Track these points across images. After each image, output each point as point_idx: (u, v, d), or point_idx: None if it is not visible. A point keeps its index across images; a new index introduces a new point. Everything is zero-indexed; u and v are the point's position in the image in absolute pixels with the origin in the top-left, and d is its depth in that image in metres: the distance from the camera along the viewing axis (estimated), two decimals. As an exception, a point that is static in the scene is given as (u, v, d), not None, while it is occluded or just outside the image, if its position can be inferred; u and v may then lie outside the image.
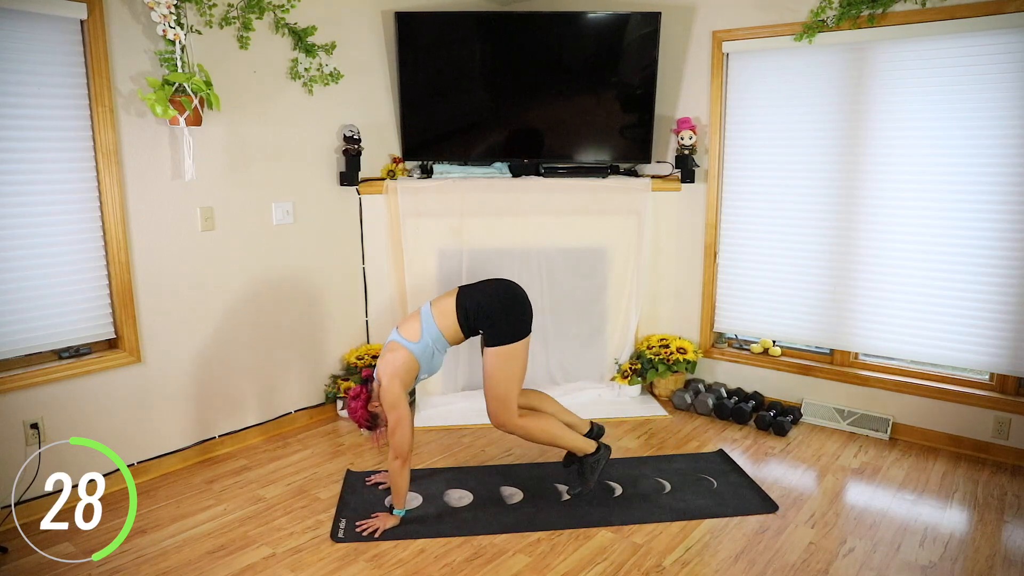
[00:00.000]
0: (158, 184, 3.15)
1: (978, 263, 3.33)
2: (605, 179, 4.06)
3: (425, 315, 2.82)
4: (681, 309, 4.25)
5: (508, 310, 2.82)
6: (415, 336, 2.78)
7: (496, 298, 2.84)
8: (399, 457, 2.68)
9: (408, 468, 2.72)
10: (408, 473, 2.73)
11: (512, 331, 2.80)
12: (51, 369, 2.91)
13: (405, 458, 2.69)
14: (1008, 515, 2.87)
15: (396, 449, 2.68)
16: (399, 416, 2.67)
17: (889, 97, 3.45)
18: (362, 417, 2.82)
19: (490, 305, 2.81)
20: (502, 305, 2.82)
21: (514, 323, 2.81)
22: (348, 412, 2.85)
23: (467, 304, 2.81)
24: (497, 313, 2.80)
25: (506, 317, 2.81)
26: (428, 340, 2.79)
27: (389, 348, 2.80)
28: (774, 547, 2.65)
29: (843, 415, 3.74)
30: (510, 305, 2.84)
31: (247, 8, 3.30)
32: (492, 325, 2.79)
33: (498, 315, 2.80)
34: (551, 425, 2.91)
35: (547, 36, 4.04)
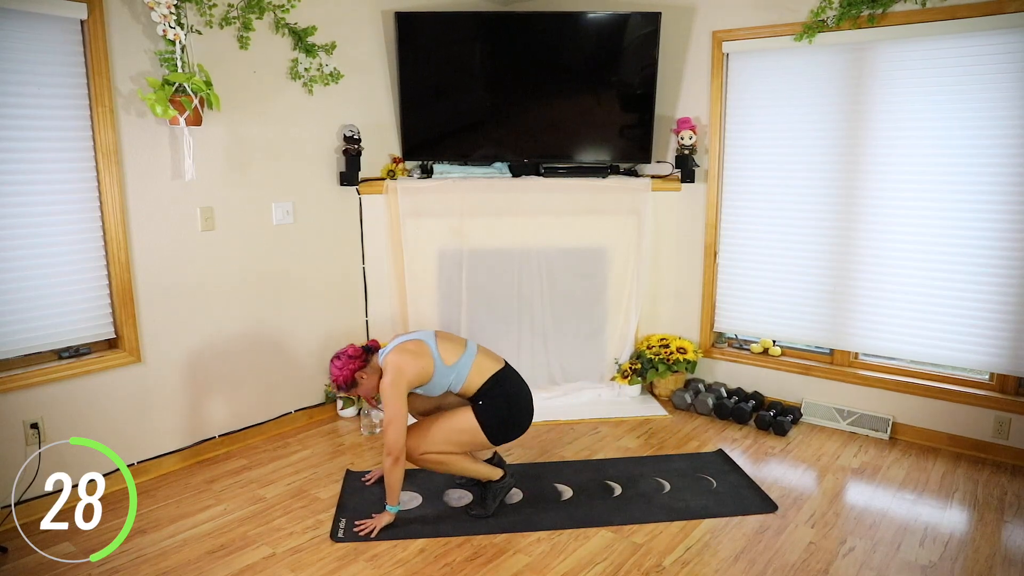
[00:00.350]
0: (158, 184, 3.15)
1: (978, 263, 3.33)
2: (605, 179, 4.06)
3: (469, 354, 2.81)
4: (681, 309, 4.25)
5: (517, 424, 2.84)
6: (450, 360, 2.76)
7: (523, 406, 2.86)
8: (391, 455, 2.65)
9: (401, 466, 2.69)
10: (401, 471, 2.70)
11: (499, 435, 2.80)
12: (51, 369, 2.91)
13: (397, 456, 2.66)
14: (1008, 515, 2.87)
15: (389, 447, 2.65)
16: (394, 414, 2.65)
17: (889, 97, 3.45)
18: (345, 379, 2.75)
19: (514, 404, 2.83)
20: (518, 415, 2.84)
21: (506, 434, 2.82)
22: (333, 366, 2.77)
23: (502, 382, 2.81)
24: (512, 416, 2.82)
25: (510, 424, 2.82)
26: (453, 375, 2.77)
27: (417, 349, 2.74)
28: (774, 547, 2.65)
29: (843, 415, 3.74)
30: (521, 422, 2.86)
31: (247, 8, 3.30)
32: (498, 412, 2.78)
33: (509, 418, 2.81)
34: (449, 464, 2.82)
35: (547, 36, 4.04)
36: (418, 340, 2.79)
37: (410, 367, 2.69)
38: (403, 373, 2.67)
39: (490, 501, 2.86)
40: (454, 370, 2.76)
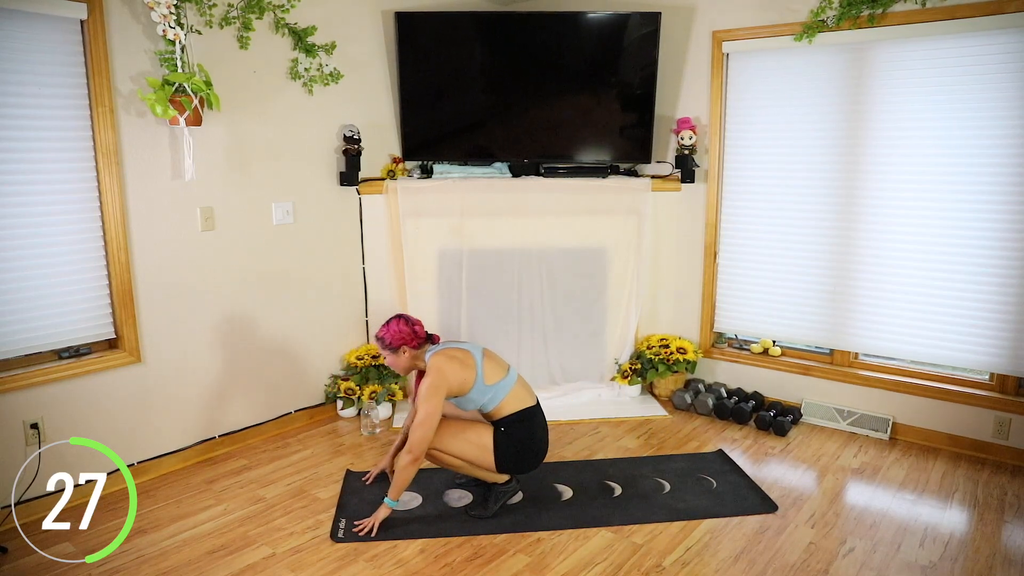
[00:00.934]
0: (158, 184, 3.15)
1: (978, 263, 3.33)
2: (605, 179, 4.06)
3: (509, 381, 2.83)
4: (681, 309, 4.25)
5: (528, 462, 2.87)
6: (491, 380, 2.78)
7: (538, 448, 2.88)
8: (412, 453, 2.66)
9: (417, 467, 2.70)
10: (415, 471, 2.71)
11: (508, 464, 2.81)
12: (51, 369, 2.91)
13: (417, 457, 2.67)
14: (1008, 515, 2.87)
15: (412, 444, 2.65)
16: (429, 414, 2.65)
17: (889, 97, 3.45)
18: (392, 340, 2.78)
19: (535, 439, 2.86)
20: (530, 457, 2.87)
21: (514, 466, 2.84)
22: (390, 326, 2.80)
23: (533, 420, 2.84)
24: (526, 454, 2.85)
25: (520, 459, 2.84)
26: (489, 395, 2.78)
27: (464, 361, 2.76)
28: (774, 547, 2.65)
29: (843, 415, 3.74)
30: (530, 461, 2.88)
31: (247, 8, 3.30)
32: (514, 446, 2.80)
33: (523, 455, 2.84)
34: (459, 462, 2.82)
35: (547, 36, 4.04)
36: (466, 351, 2.81)
37: (454, 375, 2.71)
38: (446, 378, 2.69)
39: (492, 503, 2.86)
40: (491, 391, 2.78)
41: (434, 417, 2.66)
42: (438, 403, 2.67)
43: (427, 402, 2.66)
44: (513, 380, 2.85)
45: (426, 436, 2.65)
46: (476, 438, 2.78)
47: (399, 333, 2.79)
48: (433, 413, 2.65)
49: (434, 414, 2.66)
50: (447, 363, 2.72)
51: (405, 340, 2.80)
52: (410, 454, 2.66)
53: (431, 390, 2.67)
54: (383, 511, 2.75)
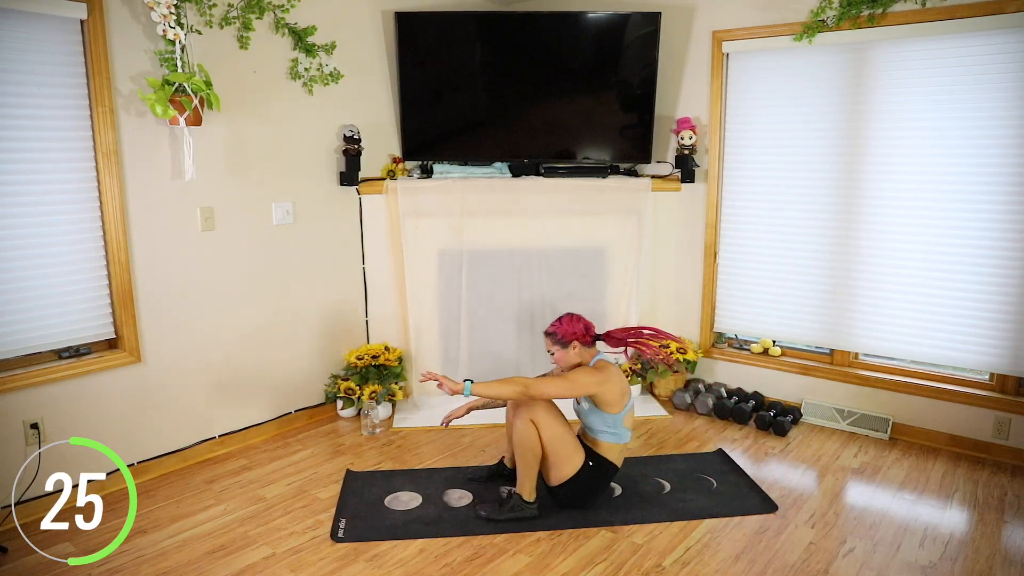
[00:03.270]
0: (158, 184, 3.15)
1: (978, 263, 3.33)
2: (605, 179, 4.06)
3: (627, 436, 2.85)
4: (681, 309, 4.25)
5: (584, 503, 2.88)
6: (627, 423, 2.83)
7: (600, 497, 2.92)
8: (527, 389, 2.67)
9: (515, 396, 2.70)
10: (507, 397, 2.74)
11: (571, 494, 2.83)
12: (51, 369, 2.91)
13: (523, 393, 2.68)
14: (1008, 515, 2.87)
15: (530, 388, 2.67)
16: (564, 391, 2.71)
17: (889, 97, 3.45)
18: (565, 335, 2.81)
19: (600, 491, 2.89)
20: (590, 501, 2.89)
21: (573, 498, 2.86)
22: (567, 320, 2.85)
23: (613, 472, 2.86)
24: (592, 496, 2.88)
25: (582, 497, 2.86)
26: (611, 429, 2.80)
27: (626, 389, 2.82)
28: (774, 547, 2.65)
29: (843, 415, 3.74)
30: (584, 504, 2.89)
31: (247, 8, 3.30)
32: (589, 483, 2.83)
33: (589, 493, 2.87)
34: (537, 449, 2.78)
35: (547, 36, 4.04)
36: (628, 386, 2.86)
37: (617, 386, 2.77)
38: (601, 383, 2.74)
39: (506, 510, 2.82)
40: (616, 428, 2.81)
41: (560, 396, 2.72)
42: (574, 392, 2.74)
43: (570, 387, 2.73)
44: (628, 438, 2.87)
45: (546, 394, 2.71)
46: (572, 447, 2.79)
47: (572, 329, 2.83)
48: (567, 393, 2.72)
49: (567, 394, 2.72)
50: (619, 375, 2.80)
51: (577, 336, 2.82)
52: (524, 388, 2.68)
53: (590, 379, 2.73)
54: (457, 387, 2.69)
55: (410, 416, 3.92)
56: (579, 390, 2.75)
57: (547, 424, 2.75)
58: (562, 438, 2.77)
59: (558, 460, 2.78)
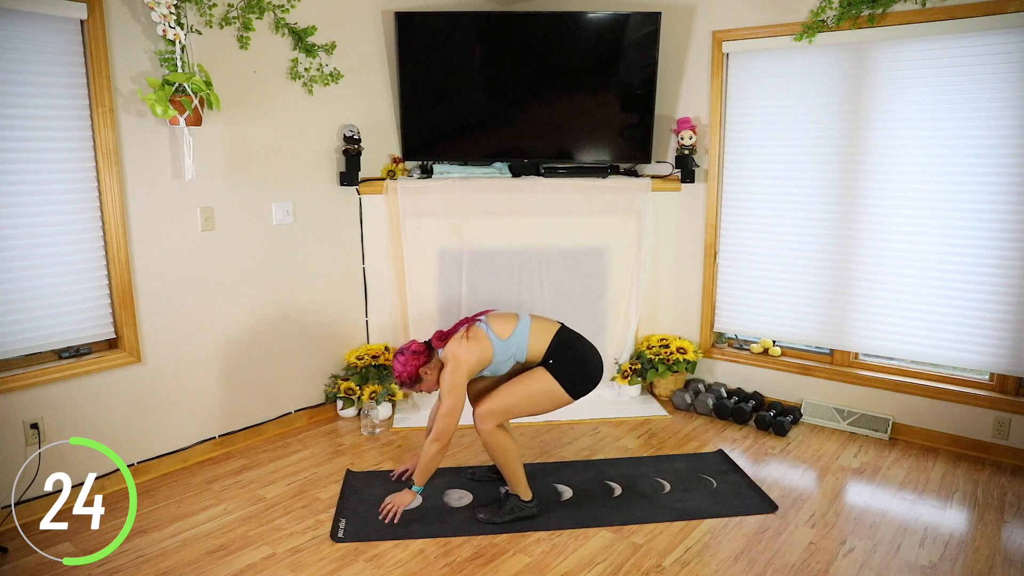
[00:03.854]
0: (158, 184, 3.15)
1: (978, 263, 3.33)
2: (605, 179, 4.06)
3: (523, 323, 2.83)
4: (681, 309, 4.25)
5: (590, 370, 2.83)
6: (504, 334, 2.78)
7: (589, 354, 2.85)
8: (439, 441, 2.69)
9: (444, 454, 2.74)
10: (442, 458, 2.76)
11: (576, 383, 2.79)
12: (51, 369, 2.91)
13: (445, 443, 2.71)
14: (1008, 515, 2.87)
15: (440, 433, 2.68)
16: (455, 402, 2.69)
17: (889, 97, 3.45)
18: (409, 375, 2.79)
19: (583, 354, 2.83)
20: (589, 363, 2.84)
21: (583, 381, 2.81)
22: (396, 362, 2.81)
23: (566, 338, 2.83)
24: (581, 363, 2.82)
25: (584, 371, 2.81)
26: (513, 345, 2.79)
27: (476, 335, 2.77)
28: (774, 547, 2.65)
29: (843, 415, 3.74)
30: (594, 369, 2.84)
31: (247, 8, 3.30)
32: (571, 364, 2.79)
33: (580, 365, 2.81)
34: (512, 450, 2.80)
35: (547, 36, 4.04)
36: (475, 328, 2.82)
37: (469, 354, 2.73)
38: (462, 363, 2.71)
39: (505, 513, 2.82)
40: (513, 341, 2.78)
41: (459, 404, 2.70)
42: (460, 389, 2.71)
43: (451, 392, 2.70)
44: (527, 320, 2.85)
45: (453, 424, 2.69)
46: (537, 385, 2.76)
47: (405, 364, 2.79)
48: (458, 401, 2.70)
49: (459, 401, 2.70)
50: (458, 347, 2.75)
51: (415, 364, 2.79)
52: (438, 442, 2.69)
53: (451, 379, 2.70)
54: (407, 496, 2.78)
55: (410, 416, 3.92)
56: (459, 397, 2.70)
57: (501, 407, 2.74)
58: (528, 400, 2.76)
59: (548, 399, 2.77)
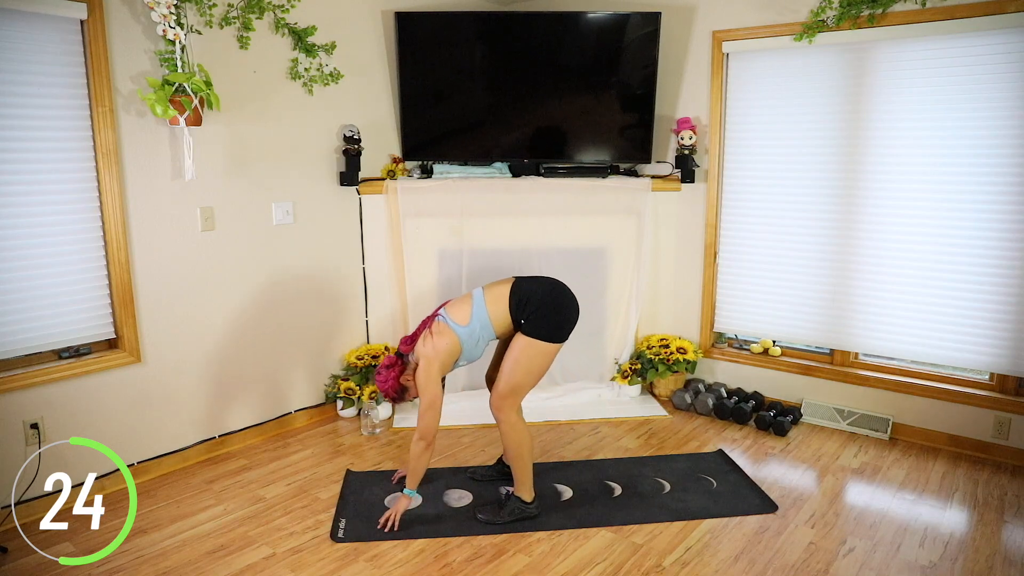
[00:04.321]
0: (158, 184, 3.15)
1: (978, 263, 3.33)
2: (605, 179, 4.06)
3: (477, 299, 2.79)
4: (681, 309, 4.25)
5: (560, 309, 2.76)
6: (464, 319, 2.75)
7: (551, 294, 2.78)
8: (424, 439, 2.68)
9: (431, 451, 2.72)
10: (429, 456, 2.73)
11: (555, 330, 2.73)
12: (51, 369, 2.91)
13: (430, 441, 2.69)
14: (1008, 515, 2.87)
15: (423, 431, 2.67)
16: (432, 398, 2.67)
17: (889, 97, 3.45)
18: (392, 388, 2.79)
19: (544, 298, 2.75)
20: (555, 302, 2.76)
21: (560, 324, 2.75)
22: (378, 381, 2.82)
23: (522, 292, 2.75)
24: (549, 308, 2.74)
25: (555, 315, 2.74)
26: (476, 325, 2.75)
27: (439, 329, 2.75)
28: (774, 547, 2.65)
29: (843, 415, 3.74)
30: (563, 305, 2.77)
31: (247, 8, 3.30)
32: (540, 317, 2.71)
33: (549, 310, 2.73)
34: (528, 445, 2.80)
35: (547, 36, 4.04)
36: (436, 322, 2.79)
37: (438, 349, 2.71)
38: (432, 359, 2.70)
39: (506, 514, 2.80)
40: (475, 322, 2.75)
41: (437, 400, 2.68)
42: (435, 384, 2.69)
43: (427, 389, 2.68)
44: (480, 294, 2.80)
45: (434, 419, 2.68)
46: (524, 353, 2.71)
47: (385, 380, 2.79)
48: (435, 397, 2.68)
49: (436, 397, 2.69)
50: (424, 346, 2.73)
51: (393, 375, 2.79)
52: (423, 440, 2.68)
53: (424, 376, 2.69)
54: (404, 502, 2.76)
55: (410, 416, 3.92)
56: (435, 393, 2.69)
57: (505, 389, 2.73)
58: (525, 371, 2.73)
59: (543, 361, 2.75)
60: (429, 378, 2.69)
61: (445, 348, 2.71)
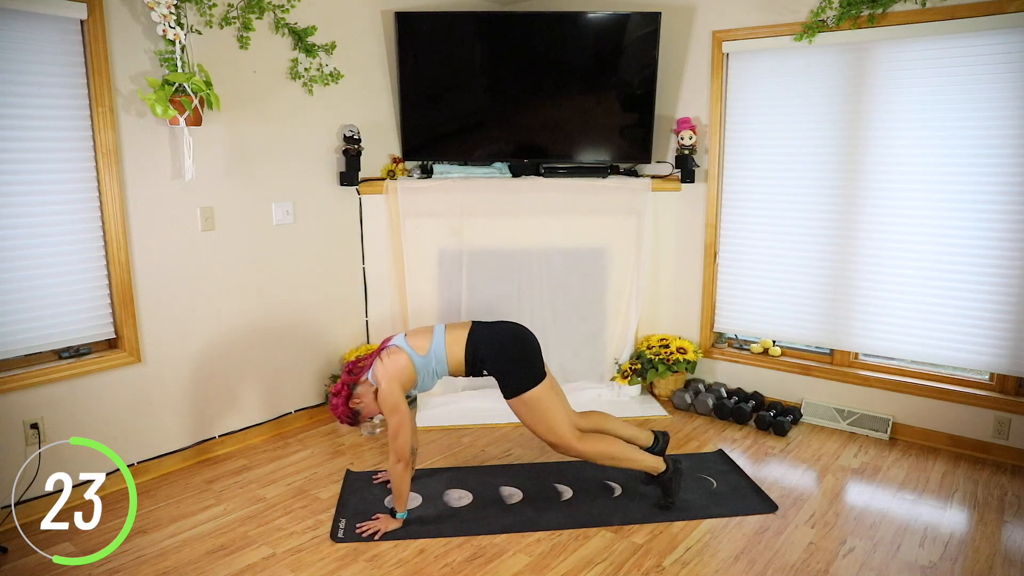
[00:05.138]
0: (158, 184, 3.15)
1: (978, 263, 3.33)
2: (605, 179, 4.06)
3: (438, 335, 2.83)
4: (681, 309, 4.25)
5: (518, 360, 2.79)
6: (422, 350, 2.78)
7: (506, 346, 2.80)
8: (401, 460, 2.67)
9: (410, 472, 2.73)
10: (410, 477, 2.74)
11: (527, 376, 2.76)
12: (51, 369, 2.91)
13: (407, 462, 2.69)
14: (1008, 515, 2.87)
15: (397, 453, 2.67)
16: (400, 420, 2.67)
17: (889, 97, 3.45)
18: (343, 414, 2.79)
19: (500, 353, 2.79)
20: (511, 355, 2.79)
21: (525, 372, 2.77)
22: (330, 408, 2.83)
23: (477, 342, 2.80)
24: (508, 363, 2.78)
25: (516, 367, 2.78)
26: (432, 360, 2.79)
27: (391, 352, 2.78)
28: (774, 547, 2.65)
29: (843, 415, 3.74)
30: (519, 355, 2.80)
31: (247, 8, 3.30)
32: (504, 375, 2.77)
33: (509, 364, 2.78)
34: (612, 448, 2.82)
35: (547, 36, 4.04)
36: (392, 345, 2.82)
37: (395, 371, 2.73)
38: (393, 379, 2.71)
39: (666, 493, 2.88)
40: (431, 355, 2.79)
41: (405, 419, 2.68)
42: (400, 403, 2.69)
43: (394, 411, 2.69)
44: (442, 331, 2.84)
45: (406, 442, 2.67)
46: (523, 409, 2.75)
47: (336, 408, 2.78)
48: (403, 418, 2.68)
49: (403, 416, 2.68)
50: (381, 367, 2.74)
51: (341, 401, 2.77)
52: (400, 462, 2.67)
53: (389, 397, 2.70)
54: (393, 524, 2.75)
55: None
56: (403, 414, 2.68)
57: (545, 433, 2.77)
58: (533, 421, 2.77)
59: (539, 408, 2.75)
60: (394, 400, 2.69)
61: (402, 369, 2.74)
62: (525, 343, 2.83)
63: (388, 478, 3.13)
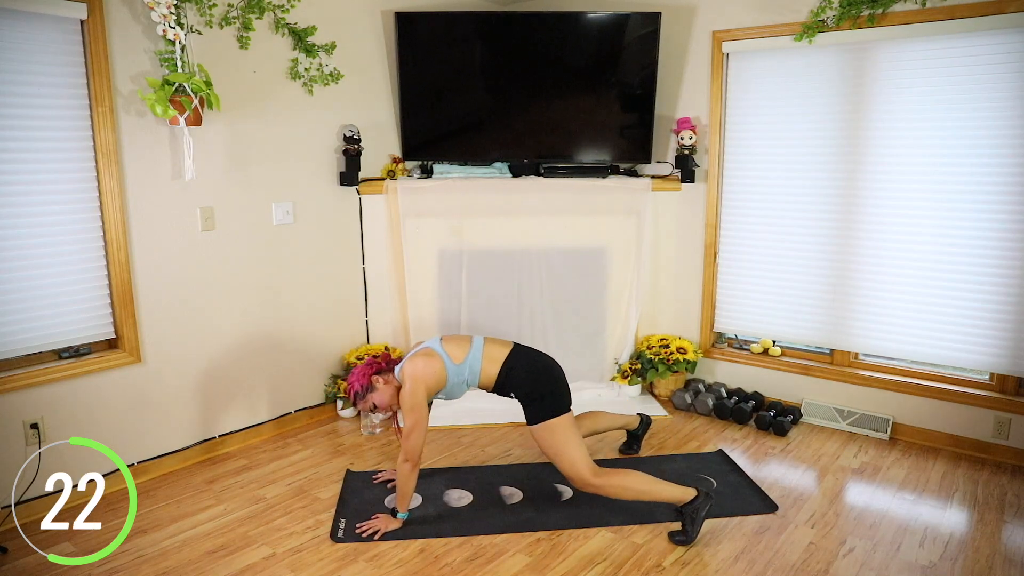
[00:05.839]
0: (158, 184, 3.15)
1: (978, 263, 3.33)
2: (605, 179, 4.06)
3: (476, 347, 2.84)
4: (681, 309, 4.25)
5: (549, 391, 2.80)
6: (458, 358, 2.80)
7: (540, 377, 2.83)
8: (409, 460, 2.67)
9: (417, 473, 2.73)
10: (416, 478, 2.74)
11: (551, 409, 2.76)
12: (51, 369, 2.91)
13: (415, 462, 2.69)
14: (1008, 515, 2.87)
15: (408, 452, 2.67)
16: (416, 420, 2.67)
17: (889, 97, 3.45)
18: (360, 382, 2.79)
19: (533, 382, 2.81)
20: (544, 386, 2.81)
21: (555, 402, 2.78)
22: (352, 376, 2.82)
23: (514, 366, 2.81)
24: (538, 393, 2.79)
25: (545, 397, 2.79)
26: (465, 370, 2.80)
27: (425, 353, 2.78)
28: (774, 547, 2.65)
29: (843, 415, 3.74)
30: (552, 388, 2.81)
31: (247, 8, 3.30)
32: (532, 402, 2.78)
33: (539, 395, 2.79)
34: (630, 481, 2.73)
35: (547, 36, 4.04)
36: (427, 347, 2.84)
37: (425, 371, 2.73)
38: (419, 380, 2.71)
39: (688, 526, 2.66)
40: (466, 366, 2.80)
41: (422, 421, 2.68)
42: (421, 405, 2.70)
43: (412, 411, 2.69)
44: (480, 344, 2.86)
45: (419, 440, 2.67)
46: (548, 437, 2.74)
47: (358, 374, 2.81)
48: (420, 419, 2.68)
49: (421, 417, 2.68)
50: (414, 365, 2.75)
51: (367, 372, 2.80)
52: (408, 462, 2.68)
53: (410, 396, 2.70)
54: (393, 523, 2.75)
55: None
56: (420, 415, 2.68)
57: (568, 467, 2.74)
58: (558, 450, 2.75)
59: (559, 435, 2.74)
60: (416, 400, 2.69)
61: (433, 373, 2.74)
62: (559, 378, 2.87)
63: (388, 478, 3.14)
